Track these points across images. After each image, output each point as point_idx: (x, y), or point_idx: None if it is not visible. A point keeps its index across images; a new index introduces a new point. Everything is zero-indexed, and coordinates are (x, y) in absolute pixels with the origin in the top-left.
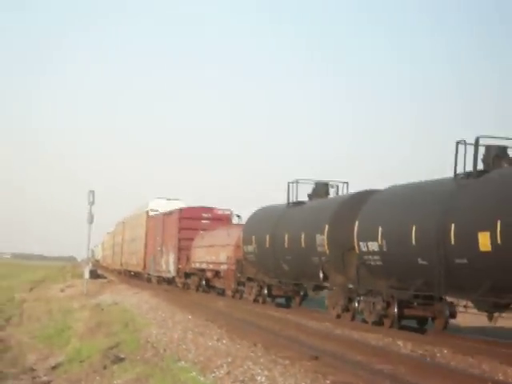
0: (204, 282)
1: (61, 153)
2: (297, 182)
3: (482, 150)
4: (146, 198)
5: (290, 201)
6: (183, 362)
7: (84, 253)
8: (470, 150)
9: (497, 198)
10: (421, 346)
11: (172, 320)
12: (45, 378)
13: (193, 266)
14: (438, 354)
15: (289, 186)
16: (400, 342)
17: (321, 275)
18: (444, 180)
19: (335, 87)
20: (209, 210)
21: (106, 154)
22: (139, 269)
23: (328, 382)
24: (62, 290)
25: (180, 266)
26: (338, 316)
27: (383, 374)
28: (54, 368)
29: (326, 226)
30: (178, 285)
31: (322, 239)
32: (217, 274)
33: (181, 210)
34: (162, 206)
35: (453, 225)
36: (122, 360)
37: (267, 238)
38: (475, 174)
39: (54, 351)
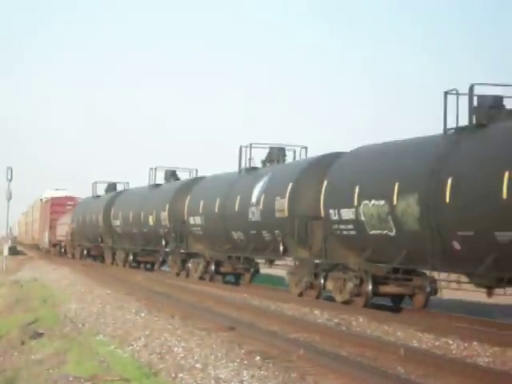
0: (63, 250)
1: None
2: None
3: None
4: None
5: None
6: (101, 336)
7: (3, 230)
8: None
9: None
10: (337, 315)
11: (91, 294)
12: None
13: (57, 238)
14: (354, 323)
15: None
16: (317, 312)
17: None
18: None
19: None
20: (72, 198)
21: (24, 129)
22: (37, 242)
23: (243, 351)
24: None
25: (51, 239)
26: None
27: (298, 343)
28: None
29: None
30: (51, 252)
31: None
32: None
33: (52, 199)
34: (52, 195)
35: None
36: (40, 335)
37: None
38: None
39: None
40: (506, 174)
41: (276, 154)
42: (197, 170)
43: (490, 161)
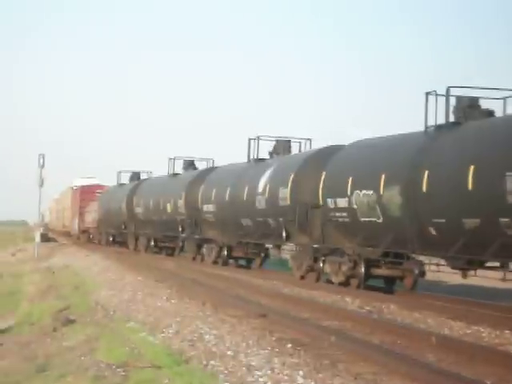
0: (91, 236)
1: (9, 114)
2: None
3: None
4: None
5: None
6: (133, 323)
7: (35, 217)
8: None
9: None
10: (369, 302)
11: (122, 281)
12: None
13: (85, 225)
14: (385, 310)
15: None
16: (348, 299)
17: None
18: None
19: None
20: (100, 186)
21: (56, 116)
22: (67, 229)
23: (274, 338)
24: (13, 254)
25: (80, 226)
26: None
27: (329, 330)
28: (3, 331)
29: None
30: (80, 239)
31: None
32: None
33: (81, 187)
34: (82, 183)
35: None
36: (72, 322)
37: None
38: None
39: (3, 314)
40: (472, 168)
41: (282, 146)
42: (213, 160)
43: (460, 155)
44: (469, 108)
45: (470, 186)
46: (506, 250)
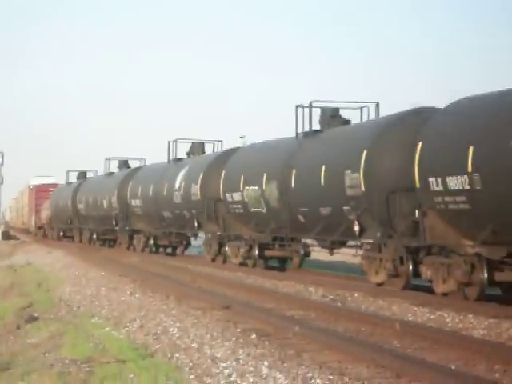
0: (46, 232)
1: None
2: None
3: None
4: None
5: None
6: (96, 318)
7: None
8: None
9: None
10: (332, 291)
11: (85, 277)
12: None
13: (41, 222)
14: (349, 298)
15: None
16: (311, 288)
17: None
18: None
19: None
20: (55, 185)
21: (18, 113)
22: (26, 226)
23: (239, 330)
24: None
25: (36, 223)
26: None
27: (293, 320)
28: None
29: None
30: (37, 235)
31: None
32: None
33: (36, 186)
34: (38, 182)
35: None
36: (35, 319)
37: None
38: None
39: None
40: (323, 167)
41: (196, 148)
42: (145, 160)
43: (316, 157)
44: (331, 117)
45: (322, 182)
46: (348, 231)
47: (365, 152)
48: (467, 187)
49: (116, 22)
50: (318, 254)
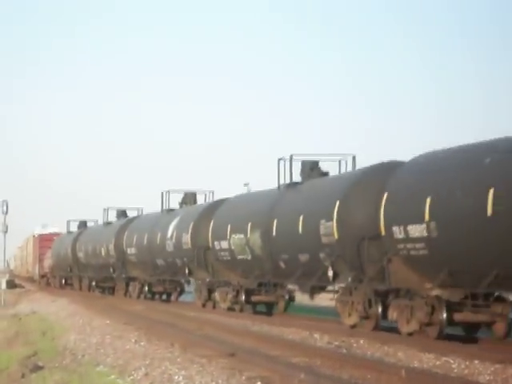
0: (49, 281)
1: None
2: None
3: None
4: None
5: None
6: (102, 366)
7: (0, 264)
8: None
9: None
10: (337, 337)
11: (90, 325)
12: None
13: (44, 270)
14: (355, 345)
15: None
16: (317, 335)
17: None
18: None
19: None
20: (58, 234)
21: (21, 163)
22: (30, 275)
23: (244, 377)
24: None
25: (40, 271)
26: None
27: (299, 368)
28: None
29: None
30: (40, 283)
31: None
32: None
33: (40, 235)
34: (41, 231)
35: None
36: (40, 368)
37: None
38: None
39: None
40: (301, 217)
41: (189, 198)
42: (142, 209)
43: (295, 207)
44: (310, 170)
45: (300, 231)
46: (325, 276)
47: (337, 203)
48: (425, 234)
49: (114, 75)
50: (302, 297)
